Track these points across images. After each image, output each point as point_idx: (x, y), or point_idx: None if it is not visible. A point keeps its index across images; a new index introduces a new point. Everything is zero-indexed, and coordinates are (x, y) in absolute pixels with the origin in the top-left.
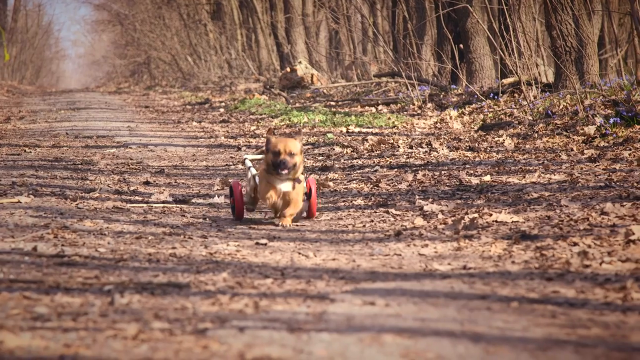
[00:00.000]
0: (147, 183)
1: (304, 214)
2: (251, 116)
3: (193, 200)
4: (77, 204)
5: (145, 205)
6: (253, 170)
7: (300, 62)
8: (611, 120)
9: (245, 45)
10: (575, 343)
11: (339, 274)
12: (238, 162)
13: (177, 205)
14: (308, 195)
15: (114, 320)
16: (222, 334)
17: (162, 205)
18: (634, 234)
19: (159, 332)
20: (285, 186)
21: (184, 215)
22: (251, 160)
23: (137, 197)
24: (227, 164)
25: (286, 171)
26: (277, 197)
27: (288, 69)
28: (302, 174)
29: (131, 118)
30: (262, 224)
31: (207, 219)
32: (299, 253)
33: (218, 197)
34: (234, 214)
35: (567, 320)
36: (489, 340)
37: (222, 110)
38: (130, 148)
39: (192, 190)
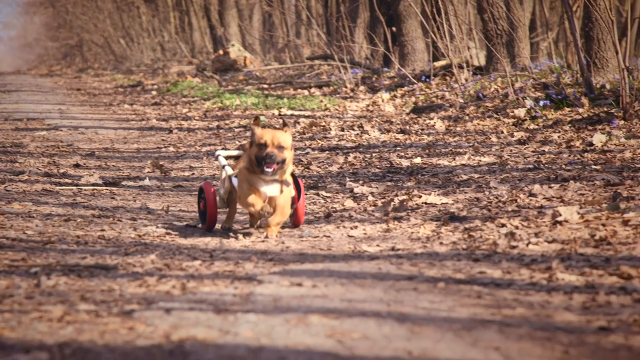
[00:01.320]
0: (77, 166)
1: (287, 221)
2: (183, 99)
3: (123, 183)
4: (6, 187)
5: (74, 187)
6: (228, 170)
7: (233, 45)
8: (541, 103)
9: (178, 27)
10: (499, 323)
11: (268, 255)
12: (169, 144)
13: (107, 188)
14: (293, 198)
15: (40, 302)
16: (148, 315)
17: (91, 187)
18: (560, 215)
19: (85, 314)
20: (271, 189)
21: (113, 198)
22: (226, 158)
23: (66, 180)
24: (158, 147)
25: (273, 168)
26: (262, 202)
27: (221, 52)
28: (290, 174)
29: (62, 101)
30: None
31: (137, 202)
32: (229, 235)
33: (149, 179)
34: (203, 223)
35: (492, 301)
36: (414, 321)
37: (154, 92)
38: (61, 131)
39: (123, 172)
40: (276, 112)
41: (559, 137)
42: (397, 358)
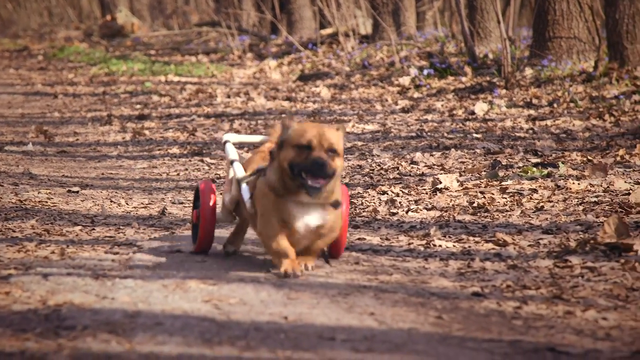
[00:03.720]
0: None
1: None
2: (70, 64)
3: (6, 148)
4: None
5: None
6: (238, 169)
7: (121, 11)
8: (425, 72)
9: None
10: (375, 289)
11: (149, 221)
12: (54, 110)
13: None
14: None
15: None
16: (25, 280)
17: None
18: (440, 182)
19: None
20: (314, 218)
21: None
22: (236, 145)
23: None
24: (43, 112)
25: (321, 183)
26: (301, 237)
27: (109, 17)
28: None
29: None
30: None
31: (20, 167)
32: (111, 201)
33: (32, 145)
34: (194, 241)
35: (370, 267)
36: (291, 287)
37: (40, 57)
38: None
39: (6, 137)
40: (163, 78)
41: (442, 105)
42: (272, 323)
